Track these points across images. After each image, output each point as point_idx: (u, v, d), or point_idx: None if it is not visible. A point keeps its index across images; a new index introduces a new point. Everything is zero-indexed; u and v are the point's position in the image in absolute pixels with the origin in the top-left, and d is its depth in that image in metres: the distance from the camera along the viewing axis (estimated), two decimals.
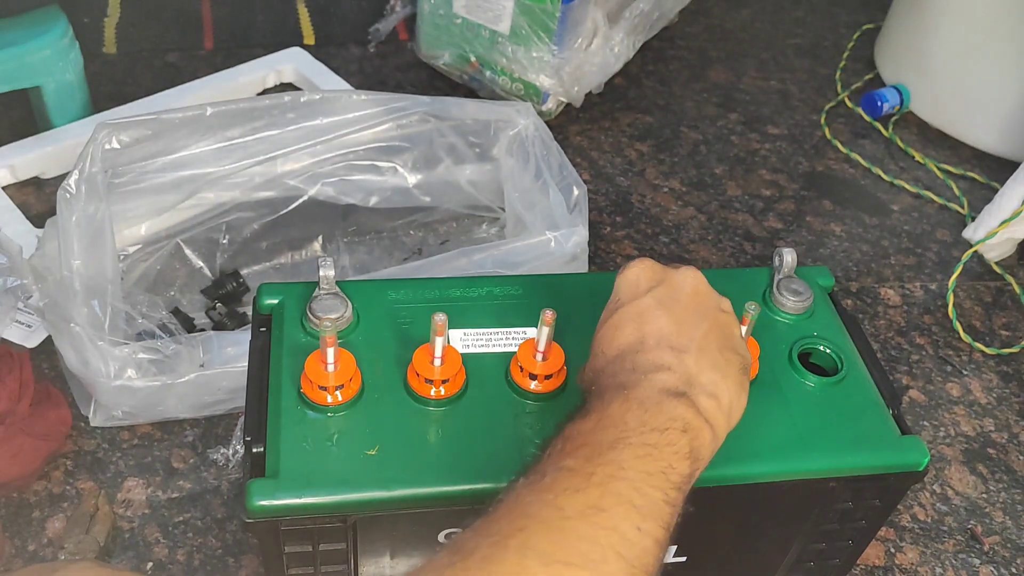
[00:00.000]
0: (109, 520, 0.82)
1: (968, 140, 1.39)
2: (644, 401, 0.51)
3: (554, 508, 0.46)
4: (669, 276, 0.58)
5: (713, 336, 0.56)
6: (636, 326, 0.56)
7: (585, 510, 0.46)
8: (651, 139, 1.36)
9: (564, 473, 0.48)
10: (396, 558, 0.64)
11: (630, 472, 0.48)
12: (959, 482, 0.97)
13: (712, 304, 0.58)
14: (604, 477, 0.47)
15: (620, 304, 0.57)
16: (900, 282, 1.19)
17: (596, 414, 0.51)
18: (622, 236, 1.19)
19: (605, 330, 0.57)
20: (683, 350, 0.54)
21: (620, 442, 0.49)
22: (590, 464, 0.48)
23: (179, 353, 0.84)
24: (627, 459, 0.48)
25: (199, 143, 0.96)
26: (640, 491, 0.47)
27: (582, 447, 0.49)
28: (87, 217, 0.86)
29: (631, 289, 0.58)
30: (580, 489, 0.47)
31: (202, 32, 1.46)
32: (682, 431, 0.51)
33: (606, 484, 0.47)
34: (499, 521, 0.46)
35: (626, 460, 0.48)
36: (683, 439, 0.51)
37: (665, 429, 0.50)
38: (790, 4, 1.71)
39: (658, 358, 0.54)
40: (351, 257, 1.09)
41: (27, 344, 0.93)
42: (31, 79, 1.13)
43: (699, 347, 0.55)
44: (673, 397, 0.52)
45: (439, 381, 0.62)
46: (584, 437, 0.50)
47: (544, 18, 1.23)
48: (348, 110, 1.00)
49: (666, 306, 0.56)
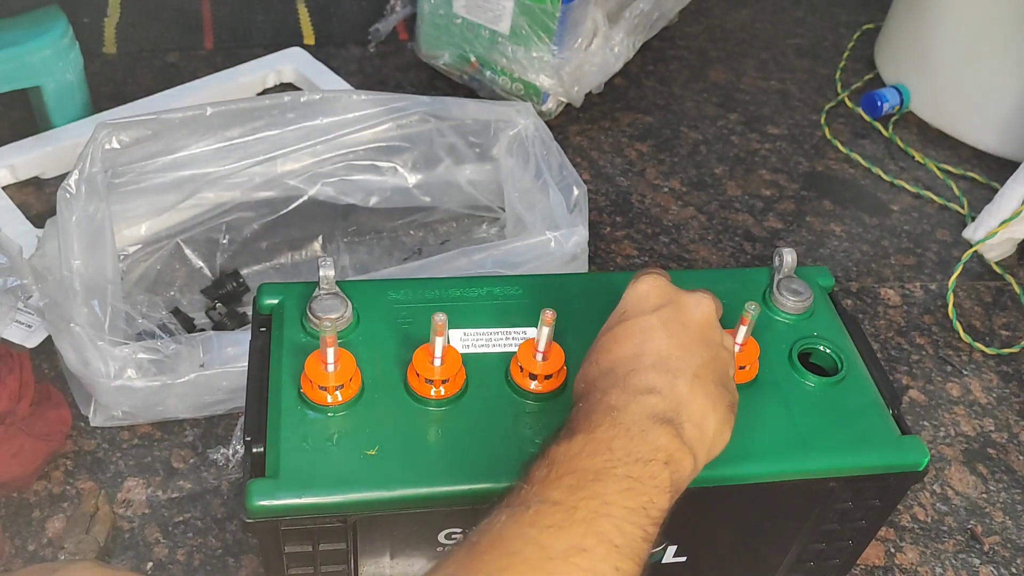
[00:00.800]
0: (109, 520, 0.82)
1: (968, 140, 1.39)
2: (631, 427, 0.51)
3: (537, 546, 0.46)
4: (680, 299, 0.57)
5: (711, 368, 0.56)
6: (636, 342, 0.55)
7: (568, 550, 0.46)
8: (651, 139, 1.36)
9: (548, 507, 0.48)
10: (396, 558, 0.64)
11: (613, 508, 0.48)
12: (959, 482, 0.97)
13: (716, 338, 0.57)
14: (588, 513, 0.47)
15: (625, 317, 0.57)
16: (900, 282, 1.19)
17: (583, 436, 0.51)
18: (622, 236, 1.19)
19: (605, 340, 0.57)
20: (677, 375, 0.54)
21: (605, 473, 0.49)
22: (574, 496, 0.48)
23: (179, 353, 0.84)
24: (611, 493, 0.48)
25: (199, 143, 0.96)
26: (621, 530, 0.47)
27: (567, 475, 0.49)
28: (87, 217, 0.86)
29: (639, 303, 0.57)
30: (563, 527, 0.47)
31: (202, 32, 1.46)
32: (664, 463, 0.51)
33: (589, 522, 0.47)
34: (483, 556, 0.46)
35: (610, 494, 0.48)
36: (665, 472, 0.50)
37: (649, 460, 0.50)
38: (790, 4, 1.71)
39: (650, 380, 0.53)
40: (351, 257, 1.09)
41: (27, 344, 0.93)
42: (31, 79, 1.13)
43: (694, 375, 0.54)
44: (660, 424, 0.52)
45: (439, 381, 0.62)
46: (570, 464, 0.50)
47: (544, 18, 1.23)
48: (348, 110, 1.00)
49: (670, 328, 0.55)
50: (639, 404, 0.52)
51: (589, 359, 0.57)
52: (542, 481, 0.49)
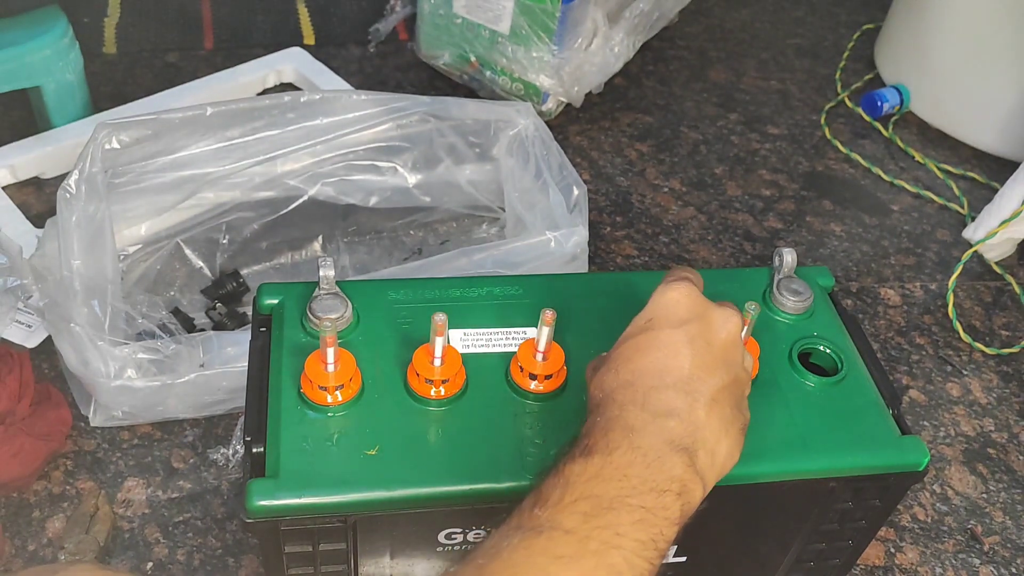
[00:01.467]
0: (109, 520, 0.82)
1: (968, 140, 1.39)
2: (648, 452, 0.51)
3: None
4: (709, 314, 0.56)
5: (729, 392, 0.55)
6: (660, 356, 0.54)
7: None
8: (651, 139, 1.36)
9: (560, 535, 0.47)
10: (396, 558, 0.64)
11: (625, 540, 0.48)
12: (959, 482, 0.97)
13: (738, 359, 0.57)
14: (600, 544, 0.47)
15: (651, 326, 0.55)
16: (900, 282, 1.19)
17: (599, 458, 0.50)
18: (622, 236, 1.19)
19: (627, 347, 0.55)
20: (697, 397, 0.53)
21: (619, 502, 0.49)
22: (587, 525, 0.48)
23: (179, 353, 0.84)
24: (624, 524, 0.48)
25: (199, 143, 0.96)
26: (631, 563, 0.47)
27: (582, 500, 0.49)
28: (87, 217, 0.86)
29: (667, 312, 0.55)
30: (575, 558, 0.46)
31: (202, 32, 1.46)
32: (677, 495, 0.50)
33: (601, 554, 0.47)
34: None
35: (623, 525, 0.48)
36: (676, 504, 0.50)
37: (664, 491, 0.50)
38: (790, 4, 1.71)
39: (671, 401, 0.53)
40: (351, 257, 1.09)
41: (27, 344, 0.93)
42: (31, 79, 1.13)
43: (713, 398, 0.53)
44: (676, 452, 0.51)
45: (439, 381, 0.62)
46: (585, 487, 0.49)
47: (544, 18, 1.23)
48: (348, 110, 1.00)
49: (695, 346, 0.54)
50: (658, 427, 0.52)
51: (608, 366, 0.56)
52: (556, 504, 0.49)
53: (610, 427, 0.52)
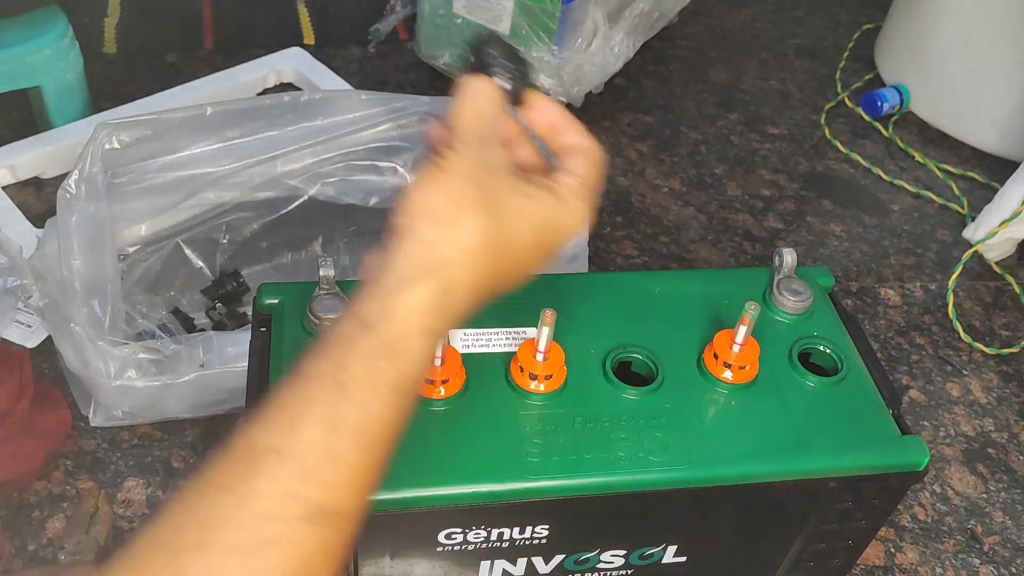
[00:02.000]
0: (109, 520, 0.82)
1: (968, 140, 1.39)
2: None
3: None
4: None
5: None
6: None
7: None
8: (651, 139, 1.36)
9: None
10: (396, 558, 0.64)
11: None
12: (959, 482, 0.97)
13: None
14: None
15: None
16: (900, 282, 1.19)
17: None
18: (622, 236, 1.19)
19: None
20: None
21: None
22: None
23: (179, 353, 0.84)
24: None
25: (199, 143, 0.96)
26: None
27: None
28: (87, 217, 0.86)
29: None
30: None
31: (202, 32, 1.46)
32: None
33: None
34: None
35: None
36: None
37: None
38: (790, 4, 1.71)
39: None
40: (351, 257, 1.09)
41: (27, 344, 0.93)
42: (31, 79, 1.13)
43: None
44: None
45: (439, 381, 0.62)
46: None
47: (544, 18, 1.23)
48: (348, 110, 1.00)
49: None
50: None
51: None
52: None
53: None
